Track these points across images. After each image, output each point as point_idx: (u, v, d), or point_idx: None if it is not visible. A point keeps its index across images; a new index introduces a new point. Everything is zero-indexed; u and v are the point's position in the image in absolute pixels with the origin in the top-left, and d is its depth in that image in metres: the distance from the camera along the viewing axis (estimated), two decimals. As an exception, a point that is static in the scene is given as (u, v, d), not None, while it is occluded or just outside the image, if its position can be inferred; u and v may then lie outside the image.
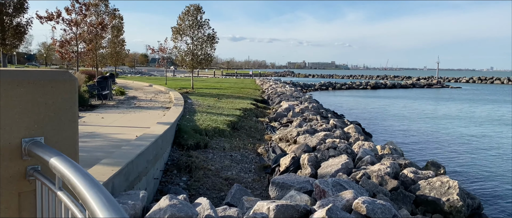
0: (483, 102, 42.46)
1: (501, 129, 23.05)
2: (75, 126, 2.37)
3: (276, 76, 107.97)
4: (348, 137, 13.56)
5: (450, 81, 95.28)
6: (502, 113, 31.69)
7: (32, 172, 2.04)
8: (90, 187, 1.39)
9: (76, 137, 2.40)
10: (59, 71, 2.30)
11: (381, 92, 59.35)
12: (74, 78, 2.33)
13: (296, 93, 33.53)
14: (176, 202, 4.74)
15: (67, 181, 1.58)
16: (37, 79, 2.13)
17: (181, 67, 33.03)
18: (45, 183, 1.91)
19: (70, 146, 2.32)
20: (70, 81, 2.28)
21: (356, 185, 6.92)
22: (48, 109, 2.17)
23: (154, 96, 22.28)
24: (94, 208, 1.27)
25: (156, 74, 76.78)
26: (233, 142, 12.65)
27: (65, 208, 1.68)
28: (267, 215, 4.98)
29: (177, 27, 30.42)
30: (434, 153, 16.29)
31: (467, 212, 7.44)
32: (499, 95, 55.26)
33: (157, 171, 8.62)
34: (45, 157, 1.83)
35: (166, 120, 11.66)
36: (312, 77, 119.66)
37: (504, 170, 13.66)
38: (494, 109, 34.86)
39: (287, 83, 55.26)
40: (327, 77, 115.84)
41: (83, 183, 1.43)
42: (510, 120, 27.54)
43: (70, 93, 2.29)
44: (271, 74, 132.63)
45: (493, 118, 28.48)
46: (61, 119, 2.25)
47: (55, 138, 2.22)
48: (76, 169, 1.59)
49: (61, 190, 1.76)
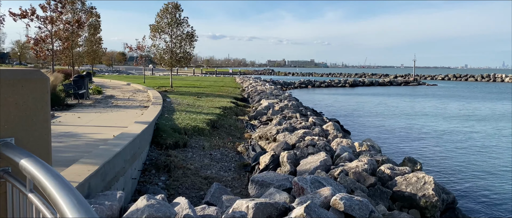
0: (458, 99, 43.56)
1: (474, 125, 23.69)
2: (47, 126, 2.31)
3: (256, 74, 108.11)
4: (327, 134, 13.69)
5: (427, 79, 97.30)
6: (475, 109, 32.57)
7: (2, 174, 1.99)
8: (61, 188, 1.37)
9: (49, 138, 2.34)
10: (30, 70, 2.24)
11: (359, 89, 60.14)
12: (46, 77, 2.28)
13: (276, 91, 33.63)
14: (154, 202, 4.69)
15: (37, 182, 1.54)
16: (6, 78, 2.07)
17: (159, 65, 32.66)
18: (16, 185, 1.87)
19: (42, 147, 2.27)
20: (41, 80, 2.23)
21: (334, 182, 7.00)
22: (19, 109, 2.12)
23: (132, 95, 21.98)
24: (64, 210, 1.25)
25: (134, 72, 75.76)
26: (212, 141, 12.60)
27: (36, 210, 1.65)
28: (246, 213, 4.99)
29: (156, 25, 30.08)
30: (411, 149, 16.62)
31: (442, 206, 7.62)
32: (473, 92, 56.78)
33: (135, 171, 8.51)
34: (15, 159, 1.78)
35: (144, 119, 11.53)
36: (292, 75, 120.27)
37: (477, 165, 14.05)
38: (468, 106, 35.80)
39: (267, 81, 55.39)
40: (307, 75, 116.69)
41: (53, 185, 1.41)
42: (482, 115, 28.35)
43: (41, 92, 2.23)
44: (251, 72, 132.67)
45: (467, 114, 29.25)
46: (32, 119, 2.19)
47: (26, 138, 2.16)
48: (47, 170, 1.56)
49: (32, 192, 1.72)
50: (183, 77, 61.45)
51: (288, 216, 5.00)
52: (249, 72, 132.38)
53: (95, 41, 36.58)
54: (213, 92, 29.43)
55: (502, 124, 24.46)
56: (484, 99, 43.52)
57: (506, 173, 13.05)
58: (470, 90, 60.00)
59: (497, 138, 19.51)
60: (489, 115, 29.26)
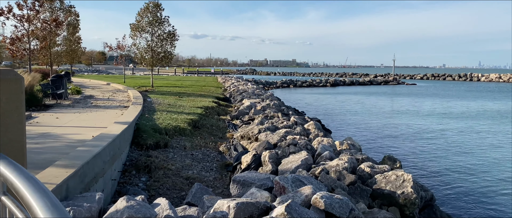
0: (436, 98, 44.46)
1: (451, 123, 24.22)
2: (22, 128, 2.26)
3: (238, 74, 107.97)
4: (308, 133, 13.78)
5: (406, 78, 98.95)
6: (452, 108, 33.29)
7: (-27, 177, 1.93)
8: (34, 191, 1.34)
9: (23, 139, 2.29)
10: (3, 70, 2.18)
11: (340, 89, 60.77)
12: (20, 77, 2.23)
13: (258, 90, 33.68)
14: (133, 203, 4.64)
15: (10, 185, 1.51)
16: (-22, 78, 2.02)
17: (140, 65, 32.31)
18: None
19: (16, 148, 2.22)
20: (15, 80, 2.17)
21: (315, 181, 7.05)
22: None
23: (112, 95, 21.67)
24: (37, 213, 1.23)
25: (114, 72, 74.71)
26: (194, 141, 12.54)
27: (10, 213, 1.61)
28: (227, 213, 4.98)
29: (136, 24, 29.74)
30: (391, 148, 16.89)
31: (421, 204, 7.77)
32: (450, 91, 58.05)
33: (115, 172, 8.40)
34: (-13, 161, 1.74)
35: (124, 119, 11.38)
36: (274, 75, 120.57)
37: (454, 162, 14.37)
38: (445, 104, 36.58)
39: (249, 80, 55.42)
40: (289, 75, 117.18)
41: (26, 187, 1.38)
42: (459, 114, 29.01)
43: (15, 93, 2.18)
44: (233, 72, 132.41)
45: (444, 113, 29.88)
46: (6, 120, 2.14)
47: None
48: (20, 172, 1.53)
49: (6, 195, 1.69)
50: (164, 76, 60.92)
51: (269, 215, 5.02)
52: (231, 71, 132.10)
53: (74, 40, 35.92)
54: (194, 91, 29.27)
55: (477, 122, 25.08)
56: (460, 98, 44.54)
57: (482, 170, 13.40)
58: (447, 89, 61.33)
59: (473, 136, 19.99)
60: (465, 113, 29.96)
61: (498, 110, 32.42)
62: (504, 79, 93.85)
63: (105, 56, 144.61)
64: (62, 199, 5.33)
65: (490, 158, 15.24)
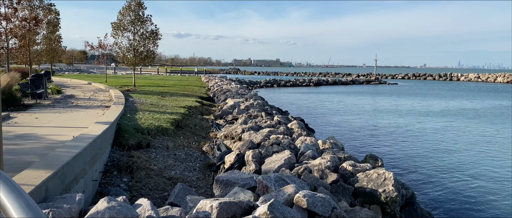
0: (417, 97, 45.20)
1: (431, 122, 24.66)
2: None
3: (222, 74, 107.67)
4: (292, 132, 13.84)
5: (387, 78, 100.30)
6: (432, 107, 33.89)
7: None
8: (9, 192, 1.31)
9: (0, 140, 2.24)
10: (-22, 69, 2.13)
11: (323, 88, 61.23)
12: (-5, 77, 2.18)
13: (241, 90, 33.65)
14: (114, 204, 4.59)
15: (-17, 186, 1.47)
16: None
17: (122, 64, 31.92)
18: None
19: (-9, 149, 2.17)
20: (-10, 79, 2.12)
21: (298, 180, 7.09)
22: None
23: (93, 95, 21.37)
24: (11, 213, 1.20)
25: (96, 71, 73.61)
26: (177, 141, 12.45)
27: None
28: (210, 213, 4.97)
29: (118, 22, 29.36)
30: (374, 146, 17.10)
31: (402, 201, 7.89)
32: (431, 90, 59.10)
33: (96, 173, 8.29)
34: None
35: (106, 119, 11.23)
36: (257, 75, 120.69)
37: (434, 160, 14.64)
38: (426, 103, 37.22)
39: (233, 80, 55.37)
40: (272, 74, 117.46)
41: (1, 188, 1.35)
42: (439, 113, 29.56)
43: (-10, 92, 2.13)
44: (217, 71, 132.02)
45: (425, 111, 30.40)
46: (-20, 120, 2.09)
47: (-26, 141, 2.06)
48: (-6, 173, 1.49)
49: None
50: (146, 76, 60.35)
51: (252, 214, 5.02)
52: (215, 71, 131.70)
53: (54, 39, 35.26)
54: (177, 91, 29.08)
55: (456, 120, 25.59)
56: (440, 97, 45.38)
57: (461, 168, 13.68)
58: (428, 89, 62.43)
59: (452, 134, 20.38)
60: (445, 112, 30.53)
61: (475, 108, 33.15)
62: (482, 79, 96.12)
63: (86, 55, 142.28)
64: (42, 201, 5.23)
65: (468, 156, 15.57)
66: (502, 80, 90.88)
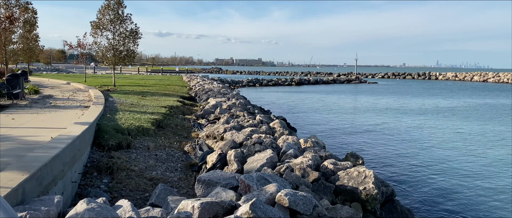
0: (396, 95, 45.93)
1: (410, 120, 25.10)
2: (-30, 129, 2.15)
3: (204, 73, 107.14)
4: (274, 132, 13.87)
5: (368, 77, 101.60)
6: (411, 105, 34.51)
7: None
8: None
9: (-28, 141, 2.18)
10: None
11: (305, 87, 61.65)
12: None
13: (223, 89, 33.56)
14: (94, 206, 4.52)
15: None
16: None
17: (102, 63, 31.44)
18: None
19: (-36, 151, 2.11)
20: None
21: (279, 179, 7.11)
22: None
23: (72, 95, 20.98)
24: (-16, 218, 1.17)
25: (75, 71, 72.29)
26: (158, 141, 12.34)
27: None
28: (191, 213, 4.94)
29: (97, 21, 28.90)
30: (354, 144, 17.30)
31: (382, 199, 7.99)
32: (410, 88, 60.15)
33: (75, 174, 8.14)
34: None
35: (85, 119, 11.04)
36: (239, 74, 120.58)
37: (414, 157, 14.91)
38: (405, 102, 37.87)
39: (215, 79, 55.17)
40: (255, 74, 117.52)
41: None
42: (418, 111, 30.11)
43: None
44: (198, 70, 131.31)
45: (404, 110, 30.92)
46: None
47: None
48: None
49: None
50: (127, 75, 59.59)
51: (234, 214, 5.02)
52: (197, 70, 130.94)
53: (31, 38, 34.50)
54: (158, 91, 28.81)
55: (435, 118, 26.12)
56: (419, 96, 46.23)
57: (439, 165, 13.96)
58: (407, 88, 63.52)
59: (430, 131, 20.80)
60: (424, 110, 31.12)
61: (452, 106, 33.88)
62: (459, 78, 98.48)
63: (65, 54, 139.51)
64: (18, 203, 5.11)
65: (446, 152, 15.91)
66: (478, 79, 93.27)
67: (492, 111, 31.31)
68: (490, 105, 35.63)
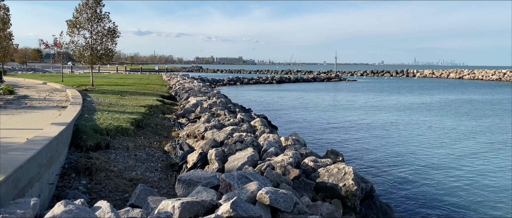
0: (375, 93, 46.62)
1: (388, 116, 25.51)
2: None
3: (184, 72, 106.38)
4: (255, 130, 13.90)
5: (347, 75, 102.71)
6: (389, 102, 35.08)
7: None
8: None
9: None
10: None
11: (285, 85, 61.94)
12: None
13: (204, 88, 33.40)
14: (72, 207, 4.44)
15: None
16: None
17: (79, 63, 30.87)
18: None
19: None
20: None
21: (260, 177, 7.13)
22: None
23: (48, 95, 20.53)
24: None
25: (52, 71, 70.74)
26: (137, 141, 12.20)
27: None
28: (171, 213, 4.90)
29: (74, 20, 28.34)
30: (335, 141, 17.47)
31: (361, 195, 8.11)
32: (388, 86, 61.13)
33: (52, 176, 7.97)
34: None
35: (62, 120, 10.83)
36: (220, 72, 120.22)
37: (392, 154, 15.16)
38: (383, 99, 38.48)
39: (195, 78, 54.84)
40: (235, 72, 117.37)
41: None
42: (396, 107, 30.63)
43: None
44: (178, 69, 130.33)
45: (383, 107, 31.41)
46: None
47: None
48: None
49: None
50: (105, 75, 58.67)
51: (215, 213, 5.01)
52: (177, 69, 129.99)
53: (5, 37, 33.60)
54: (138, 90, 28.48)
55: (412, 114, 26.62)
56: (396, 93, 47.03)
57: (416, 160, 14.24)
58: (386, 85, 64.52)
59: (408, 127, 21.19)
60: (402, 106, 31.67)
61: (428, 103, 34.60)
62: (436, 75, 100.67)
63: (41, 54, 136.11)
64: (-7, 207, 4.98)
65: (423, 148, 16.24)
66: (454, 76, 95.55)
67: (466, 106, 32.10)
68: (464, 101, 36.54)
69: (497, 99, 39.69)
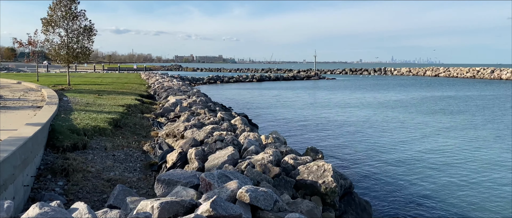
0: (353, 91, 47.24)
1: (367, 113, 25.89)
2: None
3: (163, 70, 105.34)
4: (235, 129, 13.87)
5: (326, 73, 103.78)
6: (367, 99, 35.60)
7: None
8: None
9: None
10: None
11: (266, 84, 62.10)
12: None
13: (184, 87, 33.15)
14: (47, 209, 4.33)
15: None
16: None
17: (55, 62, 30.20)
18: None
19: None
20: None
21: (241, 175, 7.12)
22: None
23: (23, 95, 20.02)
24: None
25: (27, 70, 68.97)
26: (116, 141, 12.02)
27: None
28: (150, 214, 4.85)
29: (48, 18, 27.69)
30: (315, 139, 17.62)
31: (341, 191, 8.20)
32: (366, 84, 62.01)
33: (27, 177, 7.78)
34: None
35: (37, 120, 10.56)
36: (200, 71, 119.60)
37: (370, 150, 15.39)
38: (361, 96, 39.02)
39: (174, 77, 54.36)
40: (215, 71, 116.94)
41: None
42: (375, 104, 31.12)
43: None
44: (157, 68, 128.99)
45: (362, 104, 31.85)
46: None
47: None
48: None
49: None
50: (82, 74, 57.60)
51: (194, 213, 4.97)
52: (156, 68, 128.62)
53: (-24, 35, 32.56)
54: (116, 89, 28.06)
55: (389, 111, 27.08)
56: (375, 91, 47.77)
57: (393, 157, 14.50)
58: (364, 83, 65.44)
59: (386, 124, 21.55)
60: (379, 104, 32.19)
61: (404, 100, 35.28)
62: (413, 73, 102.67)
63: (15, 52, 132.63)
64: (-36, 211, 4.82)
65: (400, 144, 16.55)
66: (430, 74, 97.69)
67: (440, 103, 32.84)
68: (439, 98, 37.37)
69: (468, 96, 40.76)
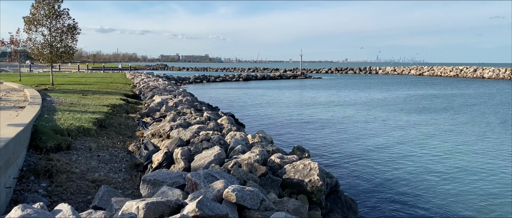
0: (339, 90, 47.58)
1: (353, 112, 26.11)
2: None
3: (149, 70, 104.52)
4: (222, 128, 13.84)
5: (312, 72, 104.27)
6: (353, 98, 35.90)
7: None
8: None
9: None
10: None
11: (252, 83, 62.09)
12: None
13: (169, 86, 32.94)
14: (30, 211, 4.26)
15: None
16: None
17: (38, 61, 29.70)
18: None
19: None
20: None
21: (227, 175, 7.11)
22: None
23: (5, 95, 19.64)
24: None
25: (9, 69, 67.64)
26: (100, 141, 11.88)
27: None
28: (136, 214, 4.80)
29: (30, 17, 27.21)
30: (302, 138, 17.69)
31: (327, 190, 8.25)
32: (352, 83, 62.54)
33: (10, 179, 7.63)
34: None
35: (20, 121, 10.37)
36: (186, 70, 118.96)
37: (356, 149, 15.52)
38: (347, 95, 39.34)
39: (160, 76, 53.96)
40: (202, 70, 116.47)
41: None
42: (360, 103, 31.41)
43: None
44: (143, 67, 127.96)
45: (349, 103, 32.10)
46: None
47: None
48: None
49: None
50: (66, 73, 56.77)
51: (180, 213, 4.95)
52: (141, 67, 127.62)
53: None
54: (100, 89, 27.74)
55: (374, 109, 27.36)
56: (360, 89, 48.19)
57: (379, 154, 14.65)
58: (350, 82, 65.98)
59: (371, 122, 21.76)
60: (364, 102, 32.49)
61: (389, 98, 35.70)
62: (398, 72, 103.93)
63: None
64: None
65: (386, 142, 16.73)
66: (415, 73, 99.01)
67: (424, 101, 33.31)
68: (423, 96, 37.89)
69: (451, 94, 41.43)
